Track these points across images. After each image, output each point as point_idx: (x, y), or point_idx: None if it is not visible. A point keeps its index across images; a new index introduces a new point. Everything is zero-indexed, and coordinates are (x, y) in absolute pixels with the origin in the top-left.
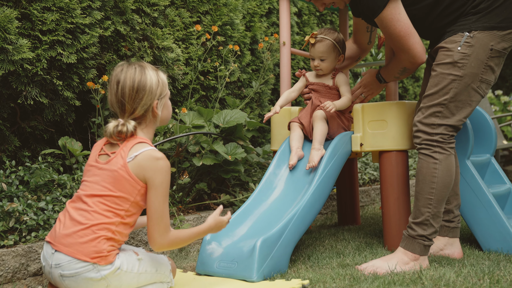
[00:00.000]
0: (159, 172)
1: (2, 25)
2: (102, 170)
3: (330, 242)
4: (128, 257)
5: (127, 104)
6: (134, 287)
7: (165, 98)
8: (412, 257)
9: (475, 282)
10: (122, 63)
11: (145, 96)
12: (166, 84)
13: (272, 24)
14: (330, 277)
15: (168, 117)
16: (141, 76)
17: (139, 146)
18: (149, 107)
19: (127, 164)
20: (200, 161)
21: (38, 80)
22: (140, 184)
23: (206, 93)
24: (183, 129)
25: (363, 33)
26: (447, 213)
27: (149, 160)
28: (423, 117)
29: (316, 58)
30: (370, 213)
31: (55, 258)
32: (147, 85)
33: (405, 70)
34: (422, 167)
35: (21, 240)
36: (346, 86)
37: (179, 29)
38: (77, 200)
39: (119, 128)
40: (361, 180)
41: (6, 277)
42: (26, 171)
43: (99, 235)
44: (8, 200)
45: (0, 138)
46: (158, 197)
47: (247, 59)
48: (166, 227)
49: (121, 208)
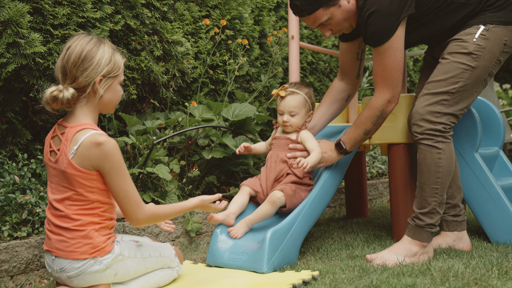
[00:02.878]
0: (105, 158)
1: (14, 19)
2: (56, 170)
3: (339, 234)
4: (127, 244)
5: (69, 71)
6: (142, 273)
7: (113, 80)
8: (420, 245)
9: (484, 274)
10: (82, 32)
11: (90, 67)
12: (119, 67)
13: (280, 18)
14: (340, 268)
15: (112, 101)
16: (92, 47)
17: (78, 136)
18: (92, 81)
19: (71, 161)
20: (210, 154)
21: (50, 74)
22: (93, 173)
23: (215, 86)
24: (193, 122)
25: (353, 62)
26: (453, 208)
27: (91, 149)
28: (428, 104)
29: (285, 113)
30: (378, 206)
31: (57, 264)
32: (96, 57)
33: (381, 115)
34: (426, 158)
35: (34, 232)
36: (313, 140)
37: (188, 23)
38: (51, 206)
39: (54, 93)
40: (369, 174)
41: (19, 268)
42: (38, 164)
43: (87, 231)
44: (21, 192)
45: (12, 132)
46: (115, 179)
47: (255, 53)
48: (136, 204)
49: (90, 200)
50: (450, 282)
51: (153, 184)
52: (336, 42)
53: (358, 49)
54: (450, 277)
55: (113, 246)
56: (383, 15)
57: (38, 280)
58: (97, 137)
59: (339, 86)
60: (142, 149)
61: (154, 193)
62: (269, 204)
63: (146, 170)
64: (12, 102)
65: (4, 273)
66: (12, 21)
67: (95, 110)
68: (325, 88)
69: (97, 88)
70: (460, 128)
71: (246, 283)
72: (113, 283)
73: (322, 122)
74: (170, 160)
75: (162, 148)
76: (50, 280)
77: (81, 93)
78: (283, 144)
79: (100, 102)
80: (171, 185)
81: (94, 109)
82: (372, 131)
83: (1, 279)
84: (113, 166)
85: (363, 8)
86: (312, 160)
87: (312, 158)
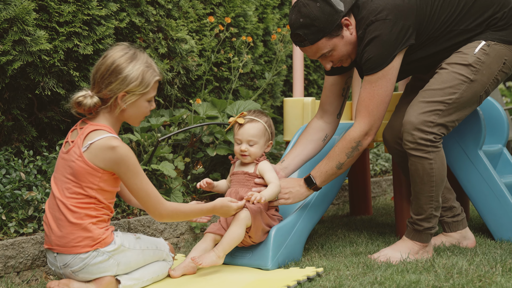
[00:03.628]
0: (120, 161)
1: (20, 17)
2: (63, 160)
3: (342, 231)
4: (127, 236)
5: (96, 81)
6: (141, 265)
7: (138, 97)
8: (421, 245)
9: (488, 270)
10: (128, 44)
11: (115, 82)
12: (147, 85)
13: (284, 16)
14: (344, 265)
15: (134, 117)
16: (123, 61)
17: (94, 134)
18: (114, 95)
19: (82, 154)
20: (214, 151)
21: (55, 71)
22: (100, 171)
23: (219, 84)
24: (197, 119)
25: (337, 98)
26: (450, 210)
27: (104, 150)
28: (422, 112)
29: (243, 142)
30: (382, 204)
31: (60, 260)
32: (123, 73)
33: (357, 147)
34: (418, 169)
35: (40, 228)
36: (271, 172)
37: (193, 20)
38: (51, 201)
39: (79, 99)
40: (373, 171)
41: (26, 264)
42: (43, 160)
43: (85, 224)
44: (27, 189)
45: (18, 129)
46: (132, 181)
47: (259, 50)
48: (156, 200)
49: (88, 196)
50: (454, 279)
51: (158, 181)
52: None
53: (345, 85)
54: (454, 274)
55: (113, 237)
56: (381, 42)
57: (44, 276)
58: (111, 141)
59: (316, 125)
60: (147, 146)
61: (159, 190)
62: (235, 225)
63: (151, 167)
64: (18, 99)
65: (11, 269)
66: (18, 19)
67: (117, 120)
68: None
69: (119, 102)
70: (464, 125)
71: (251, 279)
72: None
73: (296, 162)
74: (174, 157)
75: (167, 145)
76: (56, 276)
77: (104, 103)
78: (242, 180)
79: (122, 115)
80: (176, 182)
81: (117, 120)
82: (346, 164)
83: (7, 275)
84: (129, 168)
85: (363, 37)
86: (267, 193)
87: (268, 191)
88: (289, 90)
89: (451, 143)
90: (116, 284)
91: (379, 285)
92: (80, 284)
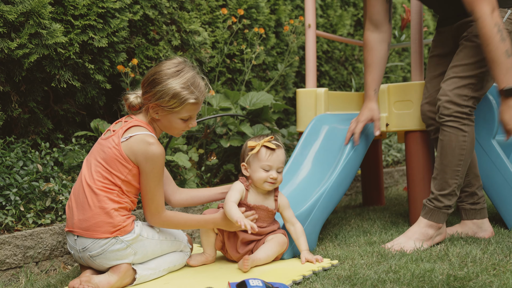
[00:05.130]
0: (150, 158)
1: (36, 10)
2: (100, 145)
3: (356, 221)
4: (146, 226)
5: (142, 84)
6: (158, 254)
7: (168, 113)
8: (436, 227)
9: (501, 259)
10: (184, 61)
11: (150, 92)
12: (178, 105)
13: (296, 7)
14: (358, 254)
15: (168, 130)
16: (164, 75)
17: (136, 129)
18: (149, 103)
19: (120, 143)
20: (228, 143)
21: (71, 64)
22: (130, 164)
23: (232, 75)
24: (211, 111)
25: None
26: (471, 196)
27: (141, 143)
28: (456, 87)
29: (273, 169)
30: (394, 194)
31: (79, 243)
32: (160, 85)
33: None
34: (451, 140)
35: (58, 219)
36: (290, 210)
37: (206, 12)
38: (77, 184)
39: (128, 95)
40: (385, 162)
41: (44, 254)
42: (59, 152)
43: (107, 209)
44: (44, 180)
45: (34, 121)
46: (149, 182)
47: (271, 42)
48: (157, 208)
49: (114, 183)
50: (469, 267)
51: (172, 172)
52: (351, 31)
53: None
54: (468, 263)
55: (133, 226)
56: None
57: (62, 266)
58: (148, 138)
59: (374, 39)
60: (161, 138)
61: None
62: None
63: (166, 158)
64: (34, 92)
65: (30, 259)
66: (34, 12)
67: (157, 124)
68: (340, 77)
69: (150, 111)
70: (478, 114)
71: (267, 268)
72: (133, 263)
73: (379, 82)
74: (188, 149)
75: (181, 137)
76: (74, 266)
77: (144, 106)
78: (263, 216)
79: (158, 123)
80: (190, 173)
81: (156, 123)
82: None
83: (26, 265)
84: (153, 170)
85: None
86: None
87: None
88: (301, 82)
89: None
90: (133, 273)
91: (394, 273)
92: (101, 277)
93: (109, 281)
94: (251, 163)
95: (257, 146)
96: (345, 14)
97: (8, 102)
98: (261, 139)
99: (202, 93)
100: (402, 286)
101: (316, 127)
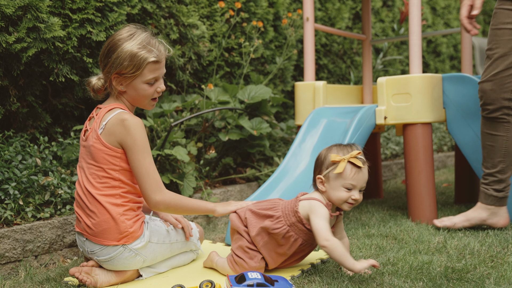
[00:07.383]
0: (128, 131)
1: (34, 4)
2: (84, 148)
3: (354, 214)
4: (157, 228)
5: (100, 61)
6: (167, 257)
7: (131, 79)
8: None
9: (500, 251)
10: (135, 25)
11: (109, 63)
12: (138, 67)
13: (294, 0)
14: (357, 247)
15: (138, 100)
16: (118, 41)
17: (108, 114)
18: (109, 75)
19: (99, 136)
20: (226, 136)
21: (69, 58)
22: (117, 151)
23: (230, 69)
24: (209, 105)
25: None
26: (498, 183)
27: (116, 123)
28: None
29: (356, 188)
30: (393, 187)
31: (88, 246)
32: (115, 51)
33: None
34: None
35: (57, 213)
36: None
37: (204, 6)
38: (79, 189)
39: (91, 79)
40: (383, 155)
41: (43, 248)
42: (58, 146)
43: (112, 214)
44: (43, 174)
45: (32, 115)
46: (137, 156)
47: (270, 35)
48: (156, 183)
49: (113, 178)
50: (467, 259)
51: (171, 166)
52: (349, 24)
53: None
54: (466, 255)
55: (142, 230)
56: None
57: (61, 259)
58: (122, 115)
59: None
60: (160, 132)
61: (172, 175)
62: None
63: (164, 152)
64: (33, 86)
65: (29, 253)
66: (32, 6)
67: (126, 99)
68: (339, 70)
69: (113, 84)
70: (477, 109)
71: None
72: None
73: None
74: (187, 142)
75: (180, 130)
76: (73, 259)
77: (108, 85)
78: None
79: (124, 97)
80: (189, 167)
81: (125, 98)
82: None
83: (26, 258)
84: (135, 142)
85: None
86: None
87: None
88: (299, 75)
89: (463, 126)
90: (137, 276)
91: (392, 265)
92: (102, 271)
93: (109, 281)
94: (331, 178)
95: (341, 161)
96: (343, 7)
97: (7, 96)
98: (345, 152)
99: (161, 52)
100: (400, 278)
101: (314, 120)
